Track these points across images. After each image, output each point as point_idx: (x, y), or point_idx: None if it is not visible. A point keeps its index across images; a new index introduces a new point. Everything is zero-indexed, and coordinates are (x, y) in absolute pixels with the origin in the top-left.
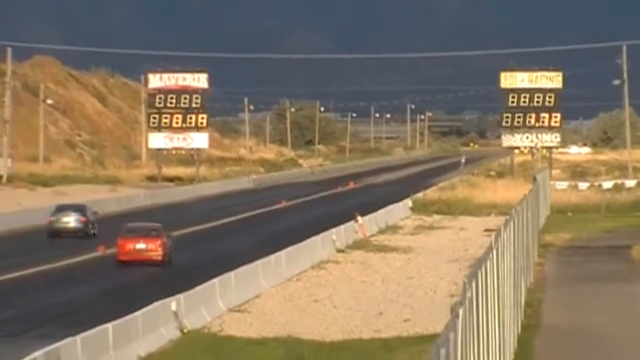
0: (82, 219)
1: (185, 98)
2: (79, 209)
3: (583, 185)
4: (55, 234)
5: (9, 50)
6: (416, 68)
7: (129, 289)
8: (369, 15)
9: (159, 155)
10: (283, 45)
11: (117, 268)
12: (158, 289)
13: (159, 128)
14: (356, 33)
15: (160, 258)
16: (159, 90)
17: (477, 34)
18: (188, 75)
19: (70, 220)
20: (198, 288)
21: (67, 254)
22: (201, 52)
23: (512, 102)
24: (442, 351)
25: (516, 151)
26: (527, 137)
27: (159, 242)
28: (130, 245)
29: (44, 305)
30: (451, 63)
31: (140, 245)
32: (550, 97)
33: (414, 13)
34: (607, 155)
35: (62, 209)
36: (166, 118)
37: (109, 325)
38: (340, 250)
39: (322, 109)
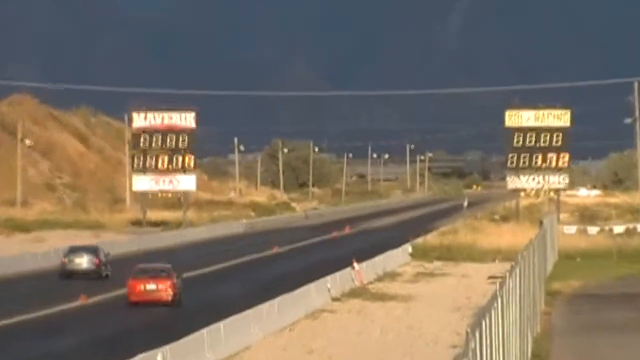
0: (95, 260)
1: (171, 138)
2: (92, 250)
3: (593, 229)
4: (68, 275)
5: None
6: (415, 105)
7: (123, 337)
8: (365, 49)
9: (143, 198)
10: (275, 81)
11: (120, 310)
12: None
13: (143, 170)
14: (352, 68)
15: (170, 299)
16: (144, 130)
17: (480, 69)
18: (174, 114)
19: (83, 262)
20: (185, 339)
21: (44, 304)
22: (188, 89)
23: (518, 141)
24: None
25: (522, 194)
26: (534, 179)
27: (169, 283)
28: (140, 286)
29: (29, 357)
30: (452, 100)
31: (151, 286)
32: (557, 136)
33: (413, 47)
34: (618, 198)
35: (74, 250)
36: (151, 159)
37: None
38: (335, 299)
39: (317, 149)
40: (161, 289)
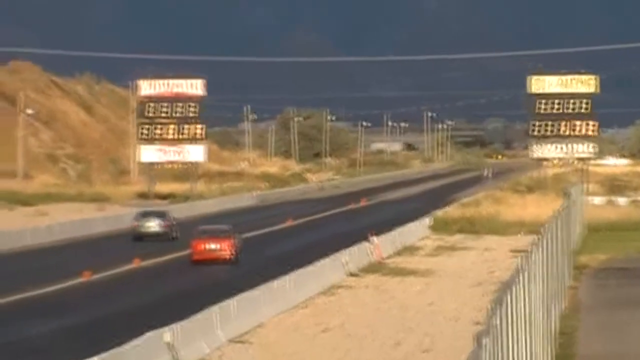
0: (165, 223)
1: (179, 106)
2: (161, 214)
3: (622, 200)
4: (139, 238)
5: None
6: (434, 71)
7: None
8: (381, 13)
9: (150, 170)
10: (288, 47)
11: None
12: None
13: (150, 140)
14: (368, 33)
15: (229, 257)
16: (151, 98)
17: (502, 33)
18: (183, 82)
19: (153, 225)
20: (194, 317)
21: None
22: (197, 55)
23: (542, 108)
24: None
25: (546, 163)
26: (559, 148)
27: (228, 243)
28: (202, 246)
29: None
30: (473, 66)
31: (212, 246)
32: (584, 102)
33: (431, 10)
34: None
35: (145, 214)
36: (159, 129)
37: (95, 359)
38: (352, 274)
39: (332, 117)
40: (221, 248)
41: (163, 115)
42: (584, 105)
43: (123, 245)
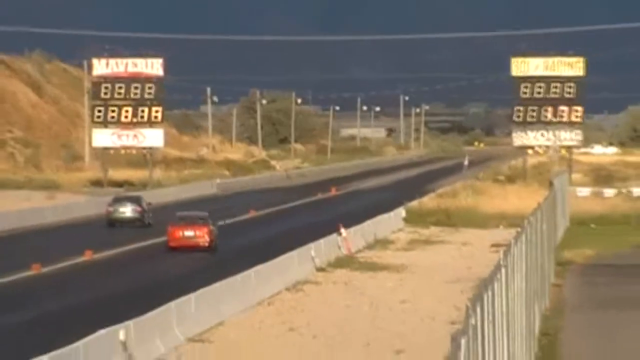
0: (138, 209)
1: (136, 87)
2: (135, 199)
3: (609, 191)
4: (113, 224)
5: None
6: (411, 52)
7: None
8: None
9: (104, 155)
10: (253, 25)
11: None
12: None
13: (105, 123)
14: (339, 11)
15: (206, 244)
16: (105, 78)
17: (484, 12)
18: (140, 61)
19: (127, 211)
20: (150, 313)
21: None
22: (156, 33)
23: (525, 93)
24: None
25: (530, 151)
26: (543, 135)
27: (205, 230)
28: (179, 233)
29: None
30: (453, 46)
31: (189, 233)
32: (570, 87)
33: None
34: (638, 157)
35: (118, 200)
36: (113, 111)
37: (44, 358)
38: (320, 269)
39: (299, 100)
40: (198, 235)
41: (118, 96)
42: (570, 89)
43: (76, 236)
